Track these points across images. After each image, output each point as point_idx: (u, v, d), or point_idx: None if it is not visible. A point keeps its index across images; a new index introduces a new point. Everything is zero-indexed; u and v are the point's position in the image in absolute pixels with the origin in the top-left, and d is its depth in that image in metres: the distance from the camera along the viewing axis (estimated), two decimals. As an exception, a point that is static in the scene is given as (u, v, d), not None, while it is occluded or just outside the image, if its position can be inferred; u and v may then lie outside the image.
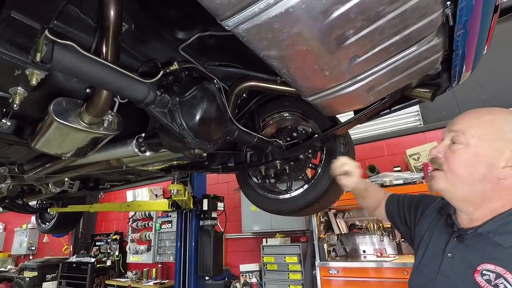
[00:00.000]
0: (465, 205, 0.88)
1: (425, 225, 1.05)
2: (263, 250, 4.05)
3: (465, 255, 0.85)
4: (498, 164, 0.80)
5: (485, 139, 0.83)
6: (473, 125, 0.87)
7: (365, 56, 0.98)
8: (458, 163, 0.85)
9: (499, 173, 0.80)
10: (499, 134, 0.83)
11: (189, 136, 1.05)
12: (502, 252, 0.78)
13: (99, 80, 0.84)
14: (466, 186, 0.85)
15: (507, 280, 0.74)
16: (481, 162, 0.82)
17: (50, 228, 3.61)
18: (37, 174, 1.80)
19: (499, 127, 0.84)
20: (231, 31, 0.80)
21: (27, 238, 8.36)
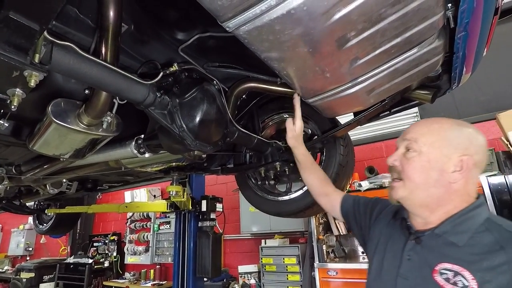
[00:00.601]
0: (422, 210, 0.92)
1: (380, 230, 1.08)
2: (261, 251, 4.04)
3: (423, 256, 0.89)
4: (448, 169, 0.87)
5: (435, 146, 0.90)
6: (424, 133, 0.94)
7: (366, 58, 0.98)
8: (413, 170, 0.91)
9: (449, 177, 0.87)
10: (446, 141, 0.90)
11: (189, 138, 1.04)
12: (457, 251, 0.83)
13: (99, 82, 0.83)
14: (422, 192, 0.90)
15: (464, 277, 0.78)
16: (433, 168, 0.89)
17: (47, 229, 3.59)
18: (35, 175, 1.78)
19: (446, 134, 0.91)
20: (232, 33, 0.80)
21: (24, 238, 8.32)
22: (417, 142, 0.93)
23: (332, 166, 1.59)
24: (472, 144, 0.89)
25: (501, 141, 3.00)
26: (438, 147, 0.90)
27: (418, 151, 0.92)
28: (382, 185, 3.06)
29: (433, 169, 0.89)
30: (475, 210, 0.87)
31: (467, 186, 0.88)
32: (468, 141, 0.89)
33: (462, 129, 0.92)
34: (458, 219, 0.86)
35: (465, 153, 0.87)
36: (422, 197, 0.91)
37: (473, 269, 0.78)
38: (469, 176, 0.87)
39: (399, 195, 0.94)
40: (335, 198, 1.30)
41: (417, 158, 0.91)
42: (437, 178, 0.88)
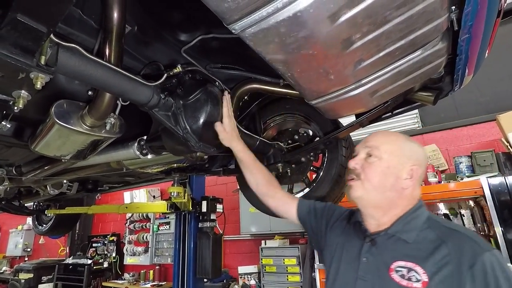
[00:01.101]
0: (376, 211, 1.03)
1: (336, 237, 1.15)
2: (261, 252, 4.04)
3: (379, 256, 0.97)
4: (402, 176, 1.00)
5: (394, 155, 1.02)
6: (384, 143, 1.06)
7: (370, 60, 0.98)
8: (374, 173, 1.01)
9: (402, 183, 0.99)
10: (402, 152, 1.03)
11: (192, 140, 1.04)
12: (407, 248, 0.94)
13: (103, 83, 0.83)
14: (379, 193, 1.00)
15: (417, 272, 0.88)
16: (391, 174, 1.00)
17: (47, 230, 3.58)
18: (36, 176, 1.78)
19: (401, 146, 1.05)
20: (238, 35, 0.79)
21: (22, 239, 8.29)
22: (378, 149, 1.04)
23: (334, 168, 1.60)
24: (420, 156, 1.04)
25: (501, 142, 3.01)
26: (396, 155, 1.02)
27: (379, 157, 1.02)
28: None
29: (391, 175, 1.00)
30: (418, 211, 1.00)
31: (413, 192, 1.01)
32: (417, 153, 1.04)
33: (412, 143, 1.07)
34: (406, 219, 0.98)
35: (415, 163, 1.01)
36: (378, 198, 1.01)
37: (423, 264, 0.88)
38: (416, 183, 1.01)
39: (357, 193, 1.03)
40: (288, 202, 1.31)
41: (378, 163, 1.02)
42: (393, 183, 0.99)
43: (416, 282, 0.87)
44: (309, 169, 1.77)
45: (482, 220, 3.00)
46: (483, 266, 0.83)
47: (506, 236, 2.40)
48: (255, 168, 1.34)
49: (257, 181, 1.35)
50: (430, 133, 4.01)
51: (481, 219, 3.03)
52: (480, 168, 2.92)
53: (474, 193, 2.64)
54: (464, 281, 0.83)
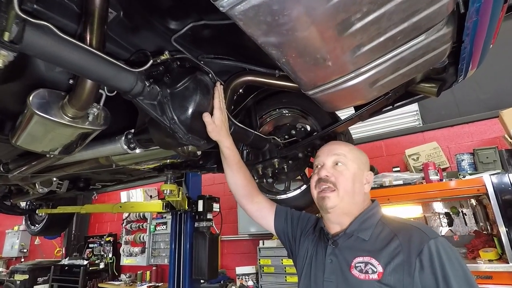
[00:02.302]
0: (345, 217, 1.09)
1: (307, 246, 1.19)
2: (259, 252, 3.97)
3: (341, 256, 1.03)
4: (362, 181, 1.11)
5: (356, 162, 1.12)
6: (348, 151, 1.14)
7: (371, 45, 0.91)
8: (345, 180, 1.08)
9: (364, 188, 1.11)
10: (359, 160, 1.14)
11: (180, 131, 0.97)
12: (365, 244, 1.01)
13: (80, 67, 0.76)
14: (350, 199, 1.07)
15: (372, 264, 0.95)
16: (356, 179, 1.09)
17: (40, 230, 3.50)
18: (22, 173, 1.70)
19: (358, 154, 1.16)
20: (227, 13, 0.73)
21: (18, 240, 8.19)
22: (346, 157, 1.11)
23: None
24: (368, 164, 1.19)
25: (504, 139, 2.95)
26: (358, 163, 1.12)
27: (346, 165, 1.10)
28: (382, 184, 2.99)
29: (356, 180, 1.09)
30: (373, 210, 1.09)
31: (368, 194, 1.13)
32: (367, 161, 1.20)
33: (361, 152, 1.20)
34: (362, 218, 1.06)
35: (368, 169, 1.16)
36: (350, 204, 1.07)
37: (378, 256, 0.96)
38: (369, 185, 1.13)
39: (333, 203, 1.06)
40: (267, 208, 1.33)
41: (346, 171, 1.09)
42: (359, 188, 1.09)
43: (373, 273, 0.94)
44: (306, 165, 1.71)
45: (485, 219, 2.94)
46: (429, 252, 0.89)
47: (510, 235, 2.34)
48: (237, 167, 1.29)
49: (237, 181, 1.31)
50: (430, 130, 3.95)
51: (483, 218, 2.97)
52: (483, 166, 2.85)
53: (477, 191, 2.57)
54: (414, 267, 0.89)
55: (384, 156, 4.14)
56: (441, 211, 3.25)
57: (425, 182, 2.85)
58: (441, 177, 2.84)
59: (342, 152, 1.13)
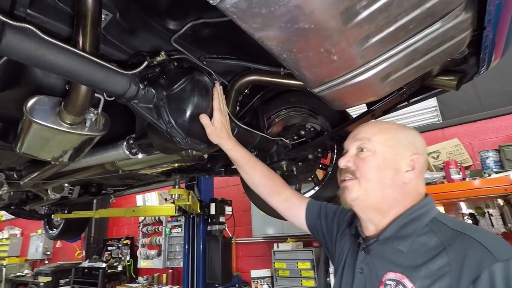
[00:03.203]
0: (375, 213, 0.88)
1: (344, 244, 1.01)
2: (274, 256, 3.90)
3: (373, 267, 0.83)
4: (402, 168, 0.85)
5: (389, 145, 0.88)
6: (376, 133, 0.91)
7: (380, 36, 0.83)
8: (369, 168, 0.87)
9: (404, 177, 0.84)
10: (398, 140, 0.89)
11: (178, 135, 0.92)
12: (402, 257, 0.78)
13: (68, 71, 0.73)
14: (378, 192, 0.86)
15: (405, 285, 0.74)
16: (388, 167, 0.85)
17: (57, 235, 3.58)
18: (32, 180, 1.72)
19: (396, 133, 0.90)
20: (218, 7, 0.67)
21: (42, 243, 8.47)
22: (370, 141, 0.90)
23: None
24: (419, 144, 0.90)
25: (532, 134, 2.75)
26: (391, 146, 0.88)
27: (372, 151, 0.88)
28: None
29: (388, 168, 0.85)
30: (420, 210, 0.82)
31: (418, 186, 0.86)
32: (415, 141, 0.90)
33: (408, 130, 0.93)
34: (402, 221, 0.82)
35: (415, 152, 0.87)
36: (377, 198, 0.86)
37: (413, 276, 0.74)
38: (420, 176, 0.86)
39: (353, 195, 0.88)
40: (296, 205, 1.15)
41: (372, 157, 0.88)
42: (392, 178, 0.85)
43: None
44: (317, 166, 1.63)
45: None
46: (491, 281, 0.63)
47: (543, 237, 2.16)
48: (249, 167, 1.17)
49: (254, 181, 1.19)
50: (451, 127, 3.75)
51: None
52: (510, 163, 2.67)
53: (504, 190, 2.40)
54: None
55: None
56: (465, 211, 3.07)
57: (446, 182, 2.69)
58: (464, 176, 2.68)
59: (366, 135, 0.91)
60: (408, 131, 0.93)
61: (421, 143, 0.91)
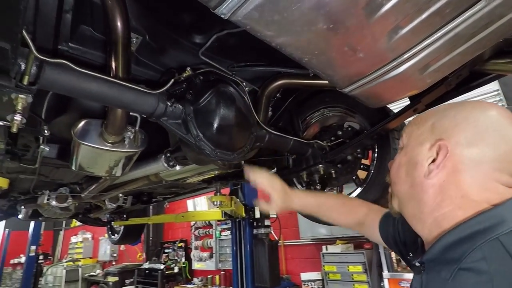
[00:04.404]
0: (415, 223, 0.67)
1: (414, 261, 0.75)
2: (323, 258, 3.79)
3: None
4: (422, 161, 0.63)
5: (413, 136, 0.69)
6: (411, 123, 0.73)
7: (410, 26, 0.76)
8: (394, 171, 0.71)
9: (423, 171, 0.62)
10: (426, 127, 0.66)
11: (207, 147, 0.94)
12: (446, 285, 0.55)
13: (100, 97, 0.79)
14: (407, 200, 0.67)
15: None
16: (409, 163, 0.66)
17: (118, 239, 3.92)
18: (91, 192, 1.90)
19: (429, 117, 0.68)
20: (231, 20, 0.67)
21: (109, 246, 9.35)
22: (403, 136, 0.73)
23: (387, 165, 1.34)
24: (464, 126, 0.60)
25: None
26: (416, 137, 0.67)
27: (401, 147, 0.72)
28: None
29: (408, 164, 0.66)
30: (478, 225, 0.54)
31: (460, 184, 0.58)
32: (455, 122, 0.61)
33: (464, 109, 0.64)
34: (449, 239, 0.57)
35: (441, 137, 0.61)
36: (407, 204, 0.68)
37: None
38: (460, 169, 0.58)
39: (393, 208, 0.73)
40: (372, 220, 1.00)
41: (398, 156, 0.72)
42: (411, 175, 0.65)
43: None
44: (358, 168, 1.54)
45: None
46: None
47: None
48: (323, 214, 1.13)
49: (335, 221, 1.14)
50: (519, 111, 3.29)
51: None
52: None
53: None
54: None
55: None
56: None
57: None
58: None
59: (406, 131, 0.73)
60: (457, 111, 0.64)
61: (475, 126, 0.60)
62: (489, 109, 0.63)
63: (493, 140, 0.58)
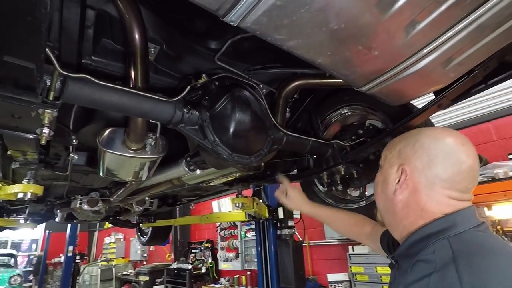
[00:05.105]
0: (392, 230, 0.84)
1: None
2: (350, 259, 3.71)
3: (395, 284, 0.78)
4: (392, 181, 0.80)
5: (387, 160, 0.85)
6: (386, 147, 0.88)
7: (428, 20, 0.73)
8: (374, 187, 0.88)
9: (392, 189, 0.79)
10: (396, 152, 0.83)
11: (224, 152, 0.95)
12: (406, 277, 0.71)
13: (121, 107, 0.82)
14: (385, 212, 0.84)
15: None
16: (383, 182, 0.83)
17: (147, 240, 4.07)
18: (119, 196, 1.98)
19: (398, 145, 0.83)
20: (240, 27, 0.68)
21: (140, 246, 9.72)
22: (383, 158, 0.89)
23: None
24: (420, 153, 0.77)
25: None
26: (388, 160, 0.84)
27: (380, 168, 0.88)
28: (494, 177, 2.42)
29: (383, 182, 0.83)
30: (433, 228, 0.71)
31: (419, 201, 0.75)
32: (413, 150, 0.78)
33: (421, 138, 0.80)
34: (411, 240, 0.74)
35: (403, 162, 0.79)
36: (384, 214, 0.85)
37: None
38: (418, 189, 0.75)
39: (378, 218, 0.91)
40: (376, 232, 1.09)
41: (378, 175, 0.88)
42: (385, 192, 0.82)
43: None
44: (381, 167, 1.50)
45: None
46: None
47: None
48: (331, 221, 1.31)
49: (339, 230, 1.31)
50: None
51: None
52: None
53: None
54: None
55: (495, 141, 3.36)
56: None
57: (560, 170, 2.18)
58: None
59: (383, 153, 0.89)
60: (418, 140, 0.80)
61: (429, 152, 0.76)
62: (443, 137, 0.78)
63: (443, 165, 0.73)
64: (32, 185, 1.35)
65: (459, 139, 0.77)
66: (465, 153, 0.75)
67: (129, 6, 0.91)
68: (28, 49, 0.53)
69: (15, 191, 1.34)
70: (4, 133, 0.72)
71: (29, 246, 11.88)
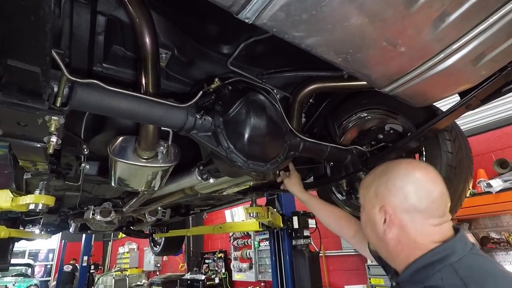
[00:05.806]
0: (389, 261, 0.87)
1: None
2: (369, 270, 3.55)
3: None
4: (378, 221, 0.82)
5: (367, 199, 0.87)
6: (363, 187, 0.91)
7: (460, 12, 0.67)
8: (363, 226, 0.91)
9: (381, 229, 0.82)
10: (373, 193, 0.85)
11: (239, 159, 0.90)
12: None
13: (130, 114, 0.79)
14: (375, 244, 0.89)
15: None
16: (370, 222, 0.85)
17: (160, 251, 4.03)
18: (131, 206, 1.95)
19: (373, 186, 0.86)
20: (256, 24, 0.64)
21: (153, 256, 9.70)
22: (362, 197, 0.91)
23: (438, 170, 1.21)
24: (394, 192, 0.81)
25: None
26: (368, 200, 0.87)
27: (363, 207, 0.90)
28: (524, 183, 2.28)
29: (370, 223, 0.86)
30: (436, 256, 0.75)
31: (408, 235, 0.78)
32: (388, 189, 0.82)
33: (391, 176, 0.83)
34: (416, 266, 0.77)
35: (383, 203, 0.82)
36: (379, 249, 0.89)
37: None
38: (404, 225, 0.78)
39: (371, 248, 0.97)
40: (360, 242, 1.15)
41: (361, 214, 0.91)
42: (375, 231, 0.84)
43: None
44: (403, 174, 1.41)
45: None
46: None
47: None
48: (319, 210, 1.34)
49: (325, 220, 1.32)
50: None
51: None
52: None
53: None
54: None
55: (522, 144, 3.20)
56: None
57: None
58: None
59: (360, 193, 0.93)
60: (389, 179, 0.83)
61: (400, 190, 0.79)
62: (412, 172, 0.81)
63: (417, 198, 0.77)
64: (44, 196, 1.34)
65: (423, 170, 0.82)
66: (431, 183, 0.79)
67: (140, 10, 0.89)
68: (33, 52, 0.51)
69: (27, 202, 1.33)
70: (11, 142, 0.69)
71: (46, 256, 12.07)
